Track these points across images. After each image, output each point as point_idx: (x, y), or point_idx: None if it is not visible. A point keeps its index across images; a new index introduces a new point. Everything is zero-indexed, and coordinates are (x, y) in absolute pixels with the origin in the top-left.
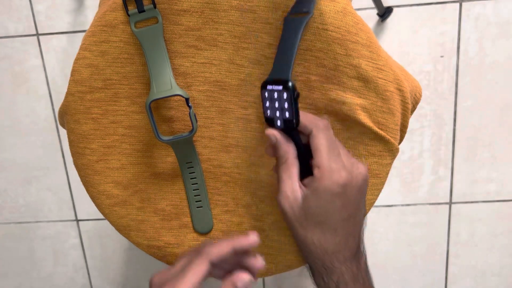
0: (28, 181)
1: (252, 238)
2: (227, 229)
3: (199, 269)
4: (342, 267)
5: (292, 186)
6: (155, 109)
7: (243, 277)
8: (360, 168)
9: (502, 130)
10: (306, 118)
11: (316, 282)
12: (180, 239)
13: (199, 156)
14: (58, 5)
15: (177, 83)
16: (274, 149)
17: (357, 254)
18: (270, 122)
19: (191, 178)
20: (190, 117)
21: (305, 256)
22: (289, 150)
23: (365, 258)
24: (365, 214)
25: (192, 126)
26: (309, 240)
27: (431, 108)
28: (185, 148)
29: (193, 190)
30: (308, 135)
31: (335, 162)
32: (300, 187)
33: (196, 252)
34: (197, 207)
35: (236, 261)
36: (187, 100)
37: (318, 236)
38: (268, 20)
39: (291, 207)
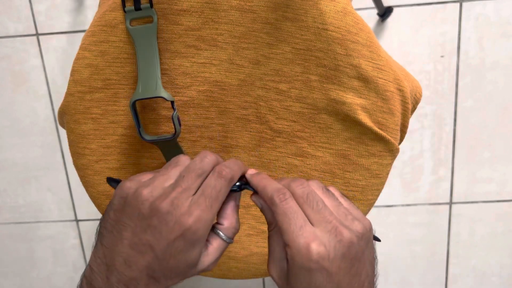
0: (28, 181)
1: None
2: None
3: (224, 197)
4: None
5: (279, 255)
6: (153, 108)
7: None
8: (345, 231)
9: (502, 130)
10: (265, 193)
11: None
12: None
13: None
14: (58, 5)
15: (177, 83)
16: (263, 214)
17: None
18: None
19: None
20: (173, 120)
21: None
22: (274, 217)
23: None
24: (373, 270)
25: (175, 129)
26: None
27: (431, 108)
28: (172, 150)
29: None
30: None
31: (301, 235)
32: None
33: (217, 172)
34: None
35: None
36: (172, 103)
37: None
38: (268, 20)
39: (279, 278)
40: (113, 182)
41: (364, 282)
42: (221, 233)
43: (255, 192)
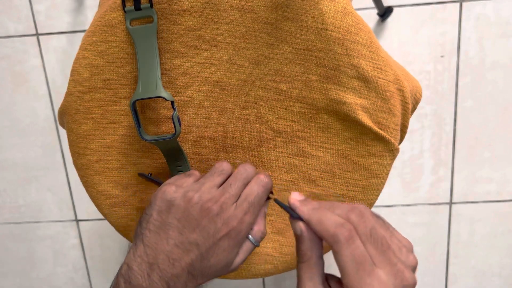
0: (28, 181)
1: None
2: None
3: (263, 203)
4: None
5: None
6: (153, 108)
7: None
8: (405, 280)
9: (502, 130)
10: (324, 228)
11: None
12: None
13: (199, 156)
14: (58, 5)
15: (177, 83)
16: (297, 241)
17: None
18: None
19: None
20: (173, 120)
21: None
22: (313, 249)
23: None
24: None
25: (175, 129)
26: None
27: (431, 108)
28: (172, 149)
29: None
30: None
31: (364, 282)
32: None
33: (258, 181)
34: None
35: None
36: (172, 103)
37: None
38: (268, 20)
39: None
40: (152, 180)
41: None
42: (250, 236)
43: (294, 217)
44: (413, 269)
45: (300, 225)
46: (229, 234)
